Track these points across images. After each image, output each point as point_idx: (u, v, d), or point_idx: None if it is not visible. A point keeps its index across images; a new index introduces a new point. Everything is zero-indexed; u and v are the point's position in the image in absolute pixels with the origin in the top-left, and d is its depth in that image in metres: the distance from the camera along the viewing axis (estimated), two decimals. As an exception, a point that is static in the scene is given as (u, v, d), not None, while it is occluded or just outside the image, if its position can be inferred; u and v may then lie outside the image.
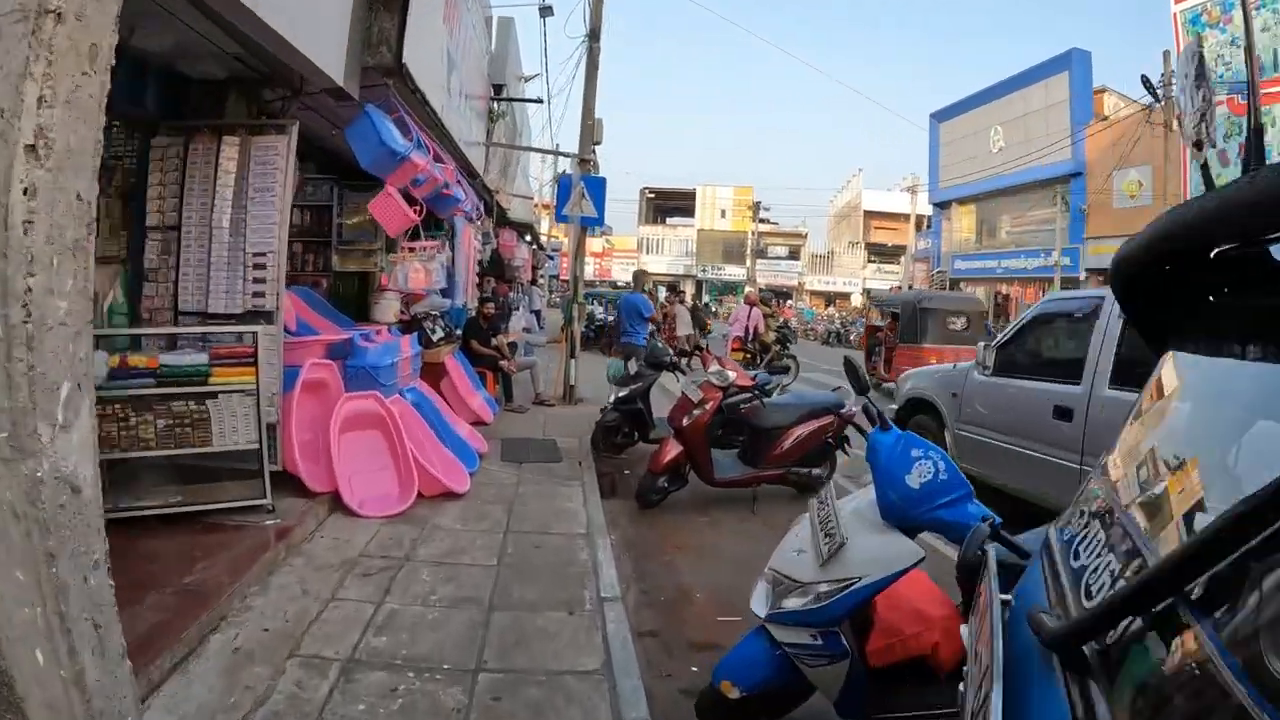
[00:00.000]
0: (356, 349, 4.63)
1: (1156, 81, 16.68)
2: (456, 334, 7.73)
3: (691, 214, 45.08)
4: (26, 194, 1.41)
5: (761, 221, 42.66)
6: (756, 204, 42.35)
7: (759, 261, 42.20)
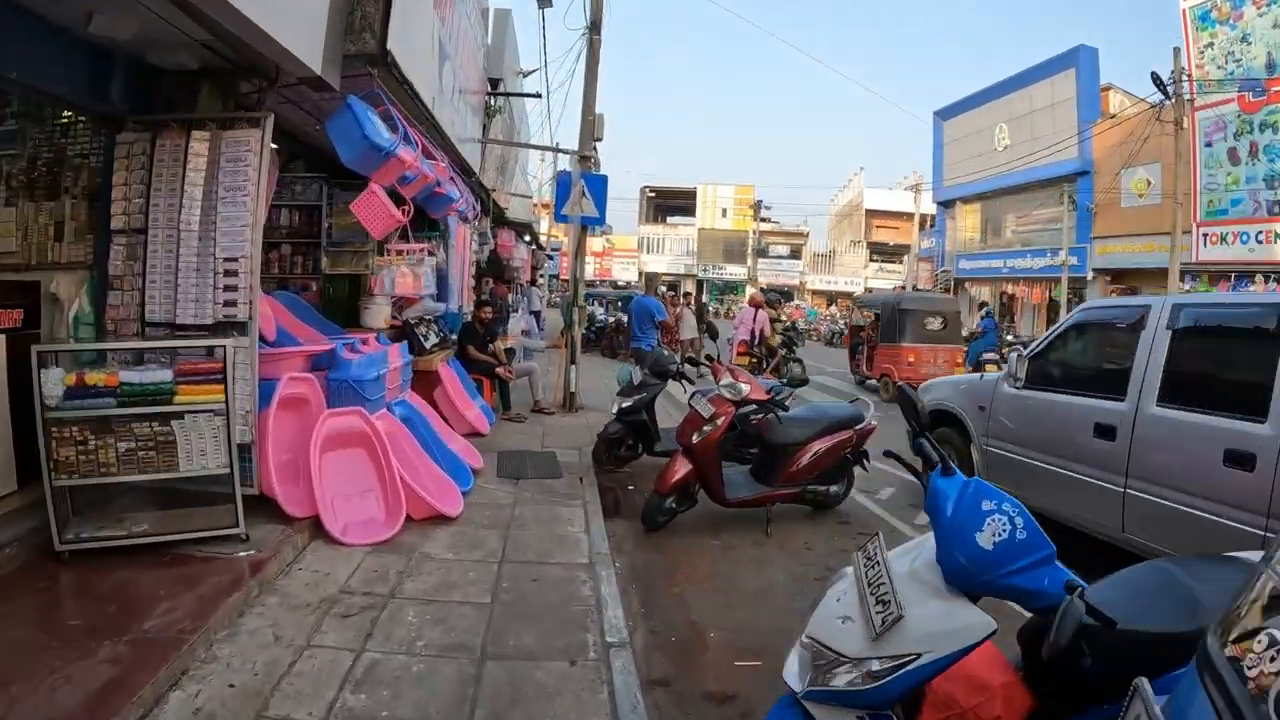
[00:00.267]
0: (339, 361, 4.27)
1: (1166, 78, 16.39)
2: (451, 340, 7.37)
3: (692, 213, 44.73)
4: None
5: (763, 220, 42.38)
6: (758, 203, 42.07)
7: (760, 261, 41.97)
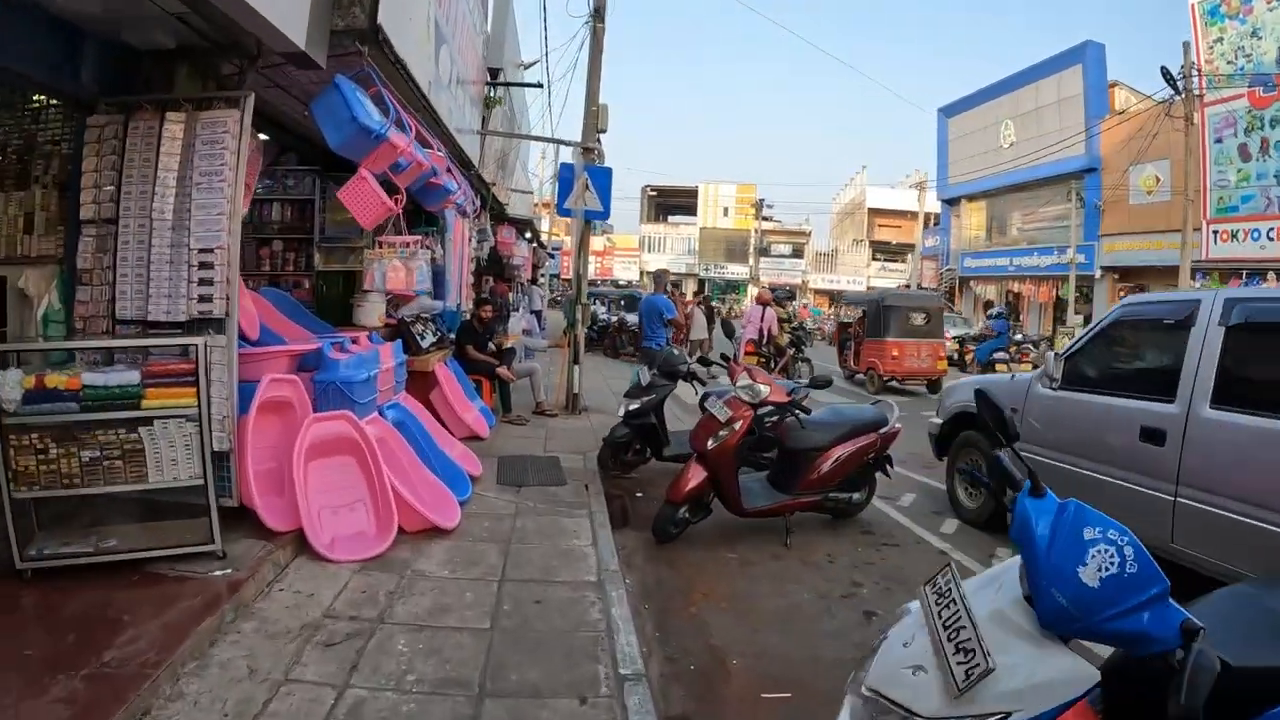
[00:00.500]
0: (326, 361, 3.95)
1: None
2: (449, 339, 7.06)
3: (694, 212, 44.37)
4: None
5: (764, 219, 42.07)
6: (759, 202, 41.77)
7: (762, 260, 41.65)
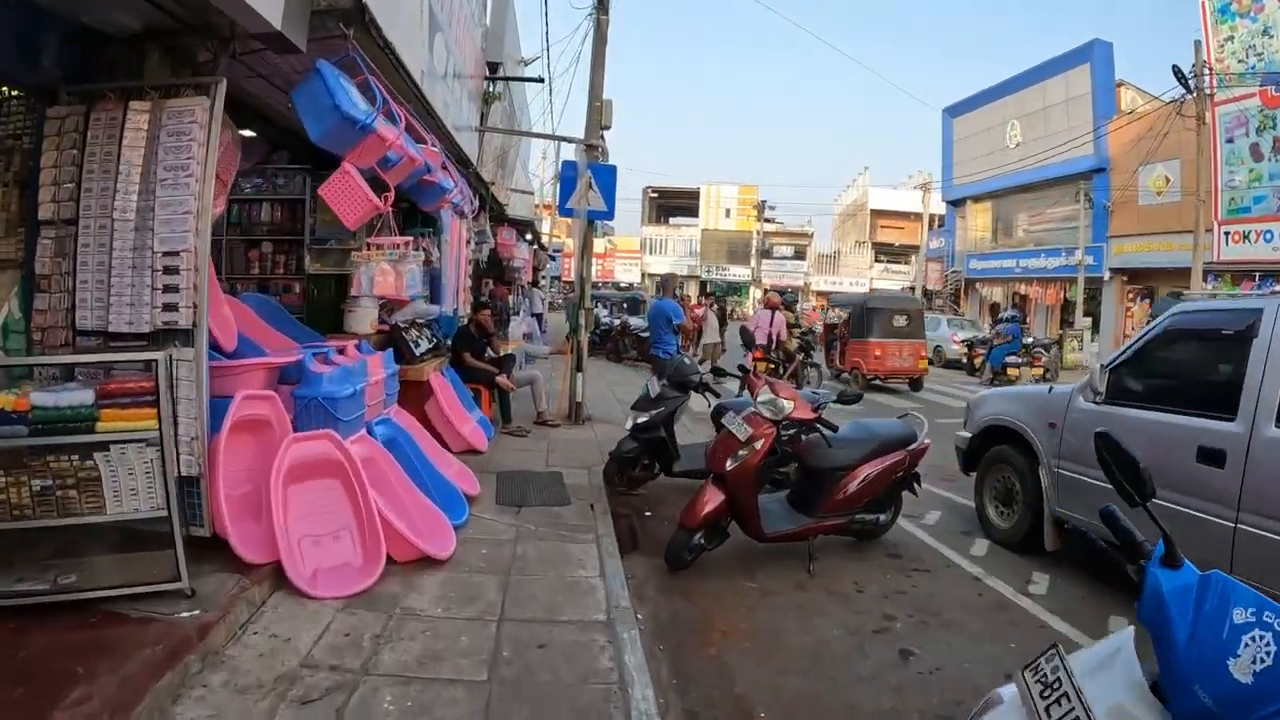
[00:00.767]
0: (308, 374, 3.61)
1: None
2: (445, 346, 6.72)
3: (695, 213, 44.06)
4: None
5: (766, 221, 41.78)
6: (761, 203, 41.51)
7: (764, 262, 41.35)
